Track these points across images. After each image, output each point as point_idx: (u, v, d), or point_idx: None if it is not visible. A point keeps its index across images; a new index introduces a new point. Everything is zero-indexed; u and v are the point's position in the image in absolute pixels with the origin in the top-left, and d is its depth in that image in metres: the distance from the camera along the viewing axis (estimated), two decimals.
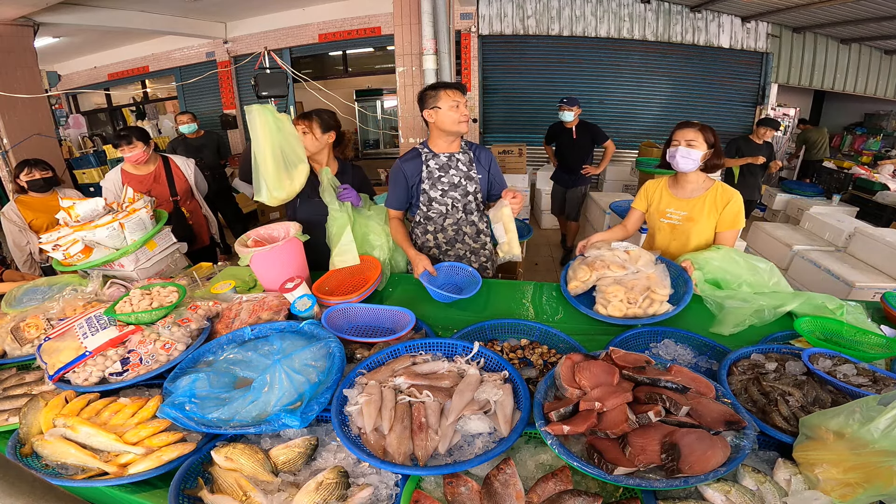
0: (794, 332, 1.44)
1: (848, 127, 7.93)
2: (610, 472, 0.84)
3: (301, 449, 1.02)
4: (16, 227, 2.68)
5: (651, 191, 2.06)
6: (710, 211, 1.88)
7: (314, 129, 2.01)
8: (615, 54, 6.85)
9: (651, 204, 2.05)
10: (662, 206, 2.00)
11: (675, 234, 1.98)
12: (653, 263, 1.63)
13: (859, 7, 5.11)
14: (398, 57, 3.40)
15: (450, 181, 1.98)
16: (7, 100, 4.08)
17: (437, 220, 2.03)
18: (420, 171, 1.97)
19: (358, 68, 8.39)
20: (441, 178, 1.97)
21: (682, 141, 1.83)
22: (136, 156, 2.49)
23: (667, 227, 1.99)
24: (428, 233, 2.07)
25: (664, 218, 1.99)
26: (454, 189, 1.99)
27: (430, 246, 2.09)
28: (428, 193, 1.99)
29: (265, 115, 1.74)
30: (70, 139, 7.20)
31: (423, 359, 1.25)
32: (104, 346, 1.33)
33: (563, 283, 1.74)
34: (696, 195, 1.91)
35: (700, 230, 1.91)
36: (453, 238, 2.07)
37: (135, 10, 5.86)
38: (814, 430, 0.91)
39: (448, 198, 1.99)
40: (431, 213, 2.02)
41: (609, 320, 1.51)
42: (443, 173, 1.97)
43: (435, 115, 1.88)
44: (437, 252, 2.09)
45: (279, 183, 1.81)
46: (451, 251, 2.09)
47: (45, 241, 1.81)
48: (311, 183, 2.07)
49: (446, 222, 2.03)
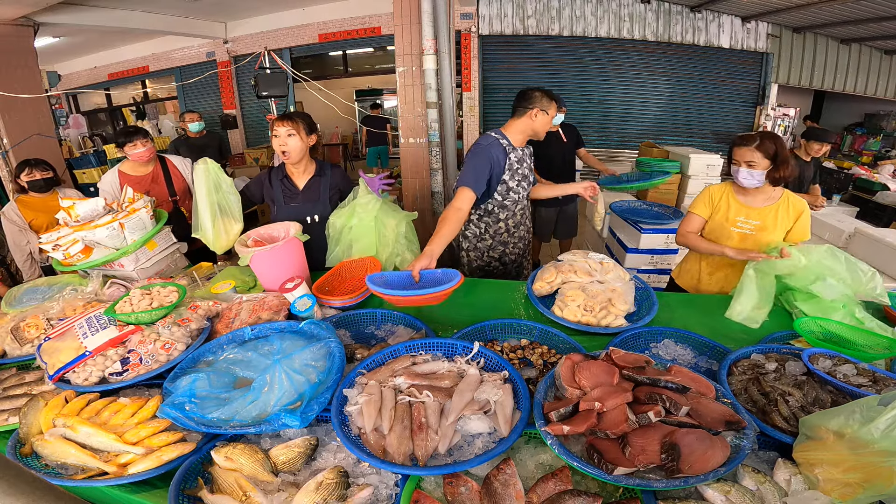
0: (794, 333, 1.45)
1: (848, 127, 7.93)
2: (610, 472, 0.84)
3: (301, 449, 1.02)
4: (16, 227, 2.68)
5: (717, 197, 1.96)
6: (783, 221, 1.84)
7: (300, 131, 1.99)
8: (615, 54, 6.85)
9: (718, 211, 1.95)
10: (732, 214, 1.92)
11: (744, 244, 1.90)
12: (622, 279, 1.63)
13: (859, 7, 5.12)
14: (398, 57, 3.40)
15: (523, 173, 2.14)
16: (7, 100, 4.08)
17: (511, 207, 2.18)
18: (505, 161, 2.07)
19: (358, 68, 8.40)
20: (518, 170, 2.12)
21: (741, 162, 1.79)
22: (141, 154, 2.50)
23: (737, 235, 1.91)
24: (500, 220, 2.20)
25: (735, 227, 1.91)
26: (524, 180, 2.16)
27: (503, 231, 2.22)
28: (508, 184, 2.10)
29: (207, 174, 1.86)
30: (70, 139, 7.21)
31: (423, 359, 1.25)
32: (104, 346, 1.33)
33: (530, 282, 1.74)
34: (769, 204, 1.86)
35: (770, 240, 1.85)
36: (519, 221, 2.25)
37: (135, 9, 5.86)
38: (814, 430, 0.91)
39: (520, 187, 2.16)
40: (507, 202, 2.15)
41: (563, 322, 1.51)
42: (519, 166, 2.12)
43: (540, 117, 2.02)
44: (507, 236, 2.24)
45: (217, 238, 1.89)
46: (517, 233, 2.27)
47: (45, 241, 1.81)
48: (287, 189, 2.10)
49: (517, 208, 2.21)
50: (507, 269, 2.31)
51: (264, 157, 7.24)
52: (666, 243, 3.12)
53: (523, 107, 2.02)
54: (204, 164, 1.86)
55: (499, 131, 2.09)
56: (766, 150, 1.75)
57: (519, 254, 2.34)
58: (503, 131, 2.09)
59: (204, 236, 1.88)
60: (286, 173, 2.12)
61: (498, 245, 2.24)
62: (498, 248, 2.25)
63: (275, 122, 1.99)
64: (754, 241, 1.88)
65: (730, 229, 1.93)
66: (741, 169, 1.80)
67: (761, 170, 1.77)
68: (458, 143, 3.38)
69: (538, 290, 1.69)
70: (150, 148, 2.54)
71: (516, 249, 2.31)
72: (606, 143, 7.35)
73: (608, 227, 4.20)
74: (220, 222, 1.88)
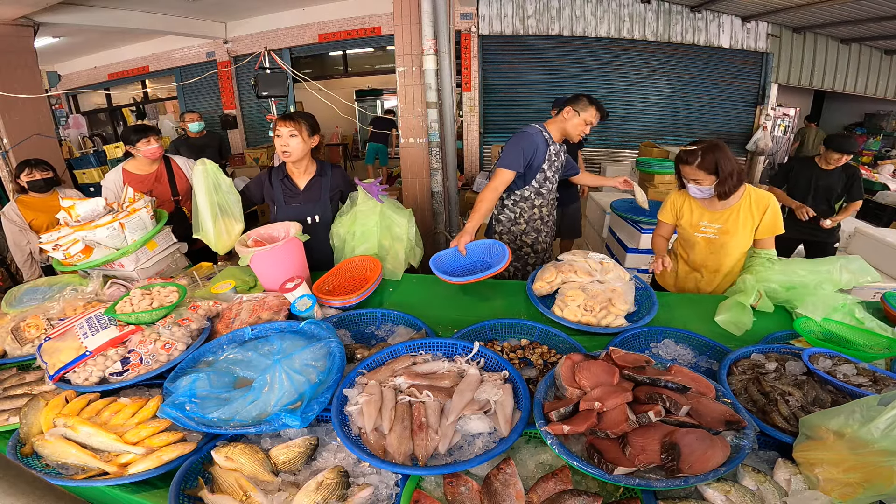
0: (794, 333, 1.45)
1: (848, 127, 7.93)
2: (610, 472, 0.85)
3: (301, 449, 1.02)
4: (16, 227, 2.68)
5: (679, 203, 1.97)
6: (746, 220, 1.82)
7: (302, 132, 1.98)
8: (615, 54, 6.85)
9: (681, 217, 1.96)
10: (695, 219, 1.91)
11: (711, 248, 1.91)
12: (622, 279, 1.63)
13: (859, 7, 5.12)
14: (398, 57, 3.40)
15: (558, 165, 2.35)
16: (7, 100, 4.08)
17: (546, 195, 2.36)
18: (546, 152, 2.23)
19: (358, 68, 8.40)
20: (555, 163, 2.31)
21: (689, 179, 1.81)
22: (153, 150, 2.51)
23: (702, 241, 1.91)
24: (535, 207, 2.36)
25: (699, 232, 1.90)
26: (558, 172, 2.36)
27: (536, 218, 2.39)
28: (546, 173, 2.29)
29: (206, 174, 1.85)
30: (70, 139, 7.20)
31: (423, 359, 1.25)
32: (104, 346, 1.33)
33: (530, 282, 1.74)
34: (730, 205, 1.84)
35: (738, 242, 1.85)
36: (550, 212, 2.45)
37: (135, 10, 5.86)
38: (814, 430, 0.91)
39: (555, 178, 2.36)
40: (543, 190, 2.33)
41: (563, 322, 1.51)
42: (556, 159, 2.31)
43: (570, 117, 2.16)
44: (540, 223, 2.42)
45: (218, 239, 1.88)
46: (549, 221, 2.46)
47: (46, 241, 1.81)
48: (288, 189, 2.09)
49: (550, 197, 2.39)
50: (538, 258, 2.46)
51: (264, 157, 7.24)
52: None
53: (562, 105, 2.20)
54: (203, 165, 1.86)
55: (542, 125, 2.26)
56: (708, 166, 1.72)
57: (548, 243, 2.50)
58: (546, 125, 2.26)
59: (205, 237, 1.88)
60: (287, 173, 2.11)
61: (531, 231, 2.40)
62: (531, 234, 2.41)
63: (277, 122, 1.98)
64: (721, 245, 1.88)
65: (694, 235, 1.93)
66: (690, 185, 1.83)
67: (708, 185, 1.77)
68: (458, 143, 3.38)
69: (538, 290, 1.69)
70: (161, 146, 2.56)
71: (547, 238, 2.48)
72: (606, 143, 7.35)
73: (608, 227, 4.20)
74: (220, 222, 1.88)
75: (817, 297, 1.53)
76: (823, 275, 1.59)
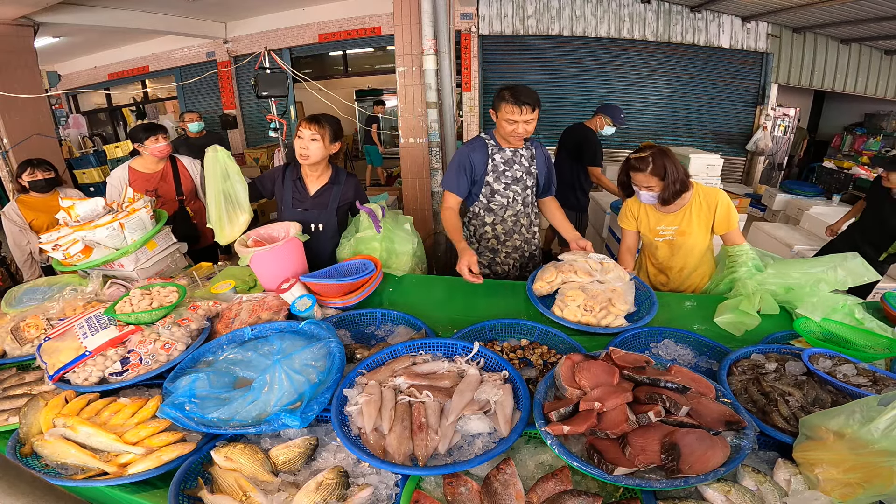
0: (794, 333, 1.44)
1: (848, 127, 7.93)
2: (610, 472, 0.84)
3: (301, 449, 1.02)
4: (16, 227, 2.68)
5: (635, 210, 1.99)
6: (699, 218, 1.85)
7: (325, 138, 1.94)
8: (615, 54, 6.85)
9: (640, 223, 1.99)
10: (653, 223, 1.94)
11: (673, 249, 1.95)
12: (622, 280, 1.62)
13: (859, 7, 5.11)
14: (398, 57, 3.40)
15: (513, 175, 2.03)
16: (7, 100, 4.08)
17: (499, 211, 2.08)
18: (486, 163, 1.99)
19: (358, 68, 8.39)
20: (505, 172, 2.02)
21: (641, 185, 1.81)
22: (161, 148, 2.52)
23: (663, 244, 1.95)
24: (486, 224, 2.11)
25: (658, 236, 1.94)
26: (516, 183, 2.04)
27: (490, 237, 2.13)
28: (492, 186, 2.02)
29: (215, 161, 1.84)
30: (70, 139, 7.21)
31: (423, 359, 1.25)
32: (104, 346, 1.33)
33: (530, 282, 1.73)
34: (682, 206, 1.87)
35: (696, 241, 1.89)
36: (511, 229, 2.12)
37: (135, 10, 5.87)
38: (814, 430, 0.91)
39: (510, 191, 2.04)
40: (493, 205, 2.06)
41: (563, 322, 1.51)
42: (507, 167, 2.02)
43: (495, 118, 1.93)
44: (495, 243, 2.13)
45: (220, 228, 1.88)
46: (508, 241, 2.14)
47: (46, 241, 1.81)
48: (298, 192, 2.07)
49: (506, 214, 2.08)
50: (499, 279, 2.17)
51: (264, 157, 7.24)
52: None
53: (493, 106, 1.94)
54: (213, 152, 1.83)
55: (489, 131, 2.06)
56: (658, 172, 1.74)
57: (513, 265, 2.19)
58: (494, 131, 2.03)
59: (217, 228, 1.88)
60: (300, 175, 2.07)
61: (486, 252, 2.15)
62: (486, 254, 2.16)
63: (302, 123, 1.94)
64: (681, 245, 1.91)
65: (654, 239, 1.96)
66: (642, 192, 1.82)
67: (657, 191, 1.79)
68: (458, 143, 3.38)
69: (538, 290, 1.69)
70: (168, 144, 2.57)
71: (509, 260, 2.17)
72: (606, 143, 7.33)
73: (608, 227, 4.20)
74: (224, 211, 1.86)
75: (817, 297, 1.52)
76: (818, 275, 1.59)
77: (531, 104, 1.82)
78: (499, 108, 1.88)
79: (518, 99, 1.81)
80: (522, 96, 1.81)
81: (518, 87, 1.84)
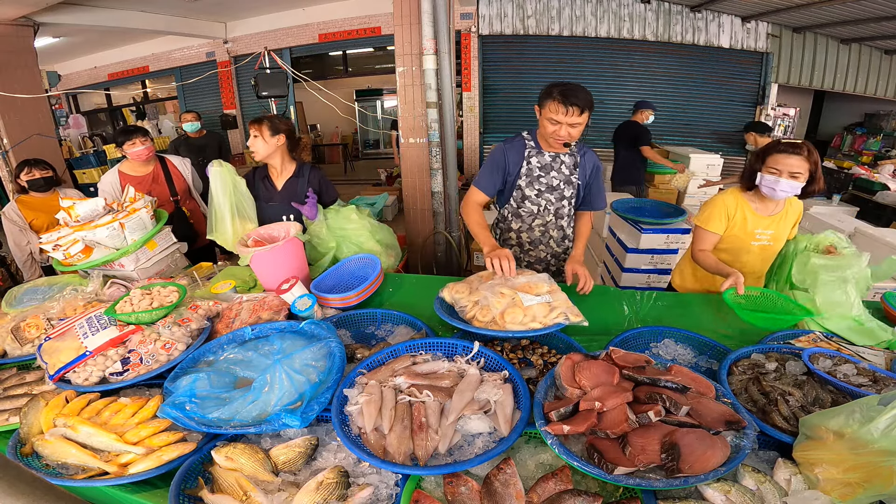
0: (795, 332, 1.44)
1: (848, 127, 7.93)
2: (610, 472, 0.84)
3: (301, 449, 1.02)
4: (16, 227, 2.68)
5: (732, 209, 1.76)
6: (787, 226, 1.77)
7: (263, 133, 2.04)
8: (615, 54, 6.85)
9: (735, 225, 1.77)
10: (750, 226, 1.76)
11: (764, 255, 1.78)
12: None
13: (859, 7, 5.12)
14: (398, 57, 3.40)
15: (549, 183, 1.84)
16: (7, 100, 4.08)
17: (527, 219, 1.90)
18: (521, 164, 1.82)
19: (358, 68, 8.40)
20: (540, 178, 1.83)
21: (784, 172, 1.59)
22: (140, 152, 2.49)
23: (757, 248, 1.77)
24: (512, 230, 1.94)
25: (755, 240, 1.76)
26: (551, 191, 1.85)
27: (513, 243, 1.95)
28: (523, 190, 1.85)
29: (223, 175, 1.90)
30: (70, 139, 7.20)
31: (423, 359, 1.25)
32: (104, 345, 1.33)
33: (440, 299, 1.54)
34: (778, 211, 1.75)
35: (779, 247, 1.77)
36: (538, 239, 1.93)
37: (135, 10, 5.87)
38: (814, 430, 0.91)
39: (542, 199, 1.86)
40: (522, 211, 1.89)
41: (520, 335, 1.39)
42: (543, 173, 1.83)
43: (539, 116, 1.74)
44: (518, 251, 1.96)
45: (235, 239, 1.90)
46: (532, 252, 1.96)
47: (46, 241, 1.81)
48: (266, 189, 2.14)
49: (534, 222, 1.90)
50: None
51: None
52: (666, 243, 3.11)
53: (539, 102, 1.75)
54: (220, 167, 1.90)
55: (532, 130, 1.86)
56: (814, 161, 1.59)
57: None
58: (537, 131, 1.83)
59: (222, 237, 1.90)
60: (267, 173, 2.18)
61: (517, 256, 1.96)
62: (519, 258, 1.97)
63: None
64: (772, 252, 1.79)
65: (749, 243, 1.78)
66: (782, 180, 1.59)
67: (802, 182, 1.61)
68: (458, 143, 3.38)
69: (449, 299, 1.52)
70: (150, 147, 2.53)
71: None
72: (606, 143, 7.33)
73: (608, 227, 4.20)
74: (237, 224, 1.93)
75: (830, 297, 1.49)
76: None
77: (580, 106, 1.62)
78: (543, 105, 1.69)
79: (566, 98, 1.61)
80: (572, 96, 1.61)
81: (570, 86, 1.64)
